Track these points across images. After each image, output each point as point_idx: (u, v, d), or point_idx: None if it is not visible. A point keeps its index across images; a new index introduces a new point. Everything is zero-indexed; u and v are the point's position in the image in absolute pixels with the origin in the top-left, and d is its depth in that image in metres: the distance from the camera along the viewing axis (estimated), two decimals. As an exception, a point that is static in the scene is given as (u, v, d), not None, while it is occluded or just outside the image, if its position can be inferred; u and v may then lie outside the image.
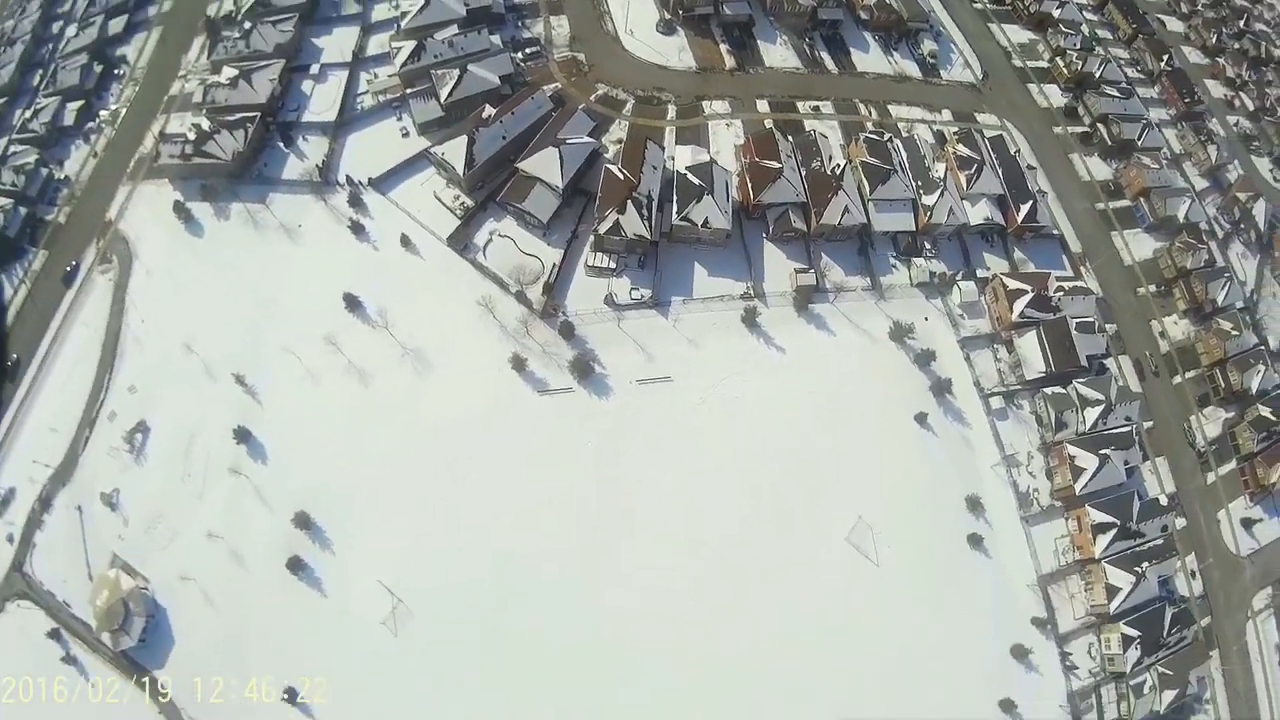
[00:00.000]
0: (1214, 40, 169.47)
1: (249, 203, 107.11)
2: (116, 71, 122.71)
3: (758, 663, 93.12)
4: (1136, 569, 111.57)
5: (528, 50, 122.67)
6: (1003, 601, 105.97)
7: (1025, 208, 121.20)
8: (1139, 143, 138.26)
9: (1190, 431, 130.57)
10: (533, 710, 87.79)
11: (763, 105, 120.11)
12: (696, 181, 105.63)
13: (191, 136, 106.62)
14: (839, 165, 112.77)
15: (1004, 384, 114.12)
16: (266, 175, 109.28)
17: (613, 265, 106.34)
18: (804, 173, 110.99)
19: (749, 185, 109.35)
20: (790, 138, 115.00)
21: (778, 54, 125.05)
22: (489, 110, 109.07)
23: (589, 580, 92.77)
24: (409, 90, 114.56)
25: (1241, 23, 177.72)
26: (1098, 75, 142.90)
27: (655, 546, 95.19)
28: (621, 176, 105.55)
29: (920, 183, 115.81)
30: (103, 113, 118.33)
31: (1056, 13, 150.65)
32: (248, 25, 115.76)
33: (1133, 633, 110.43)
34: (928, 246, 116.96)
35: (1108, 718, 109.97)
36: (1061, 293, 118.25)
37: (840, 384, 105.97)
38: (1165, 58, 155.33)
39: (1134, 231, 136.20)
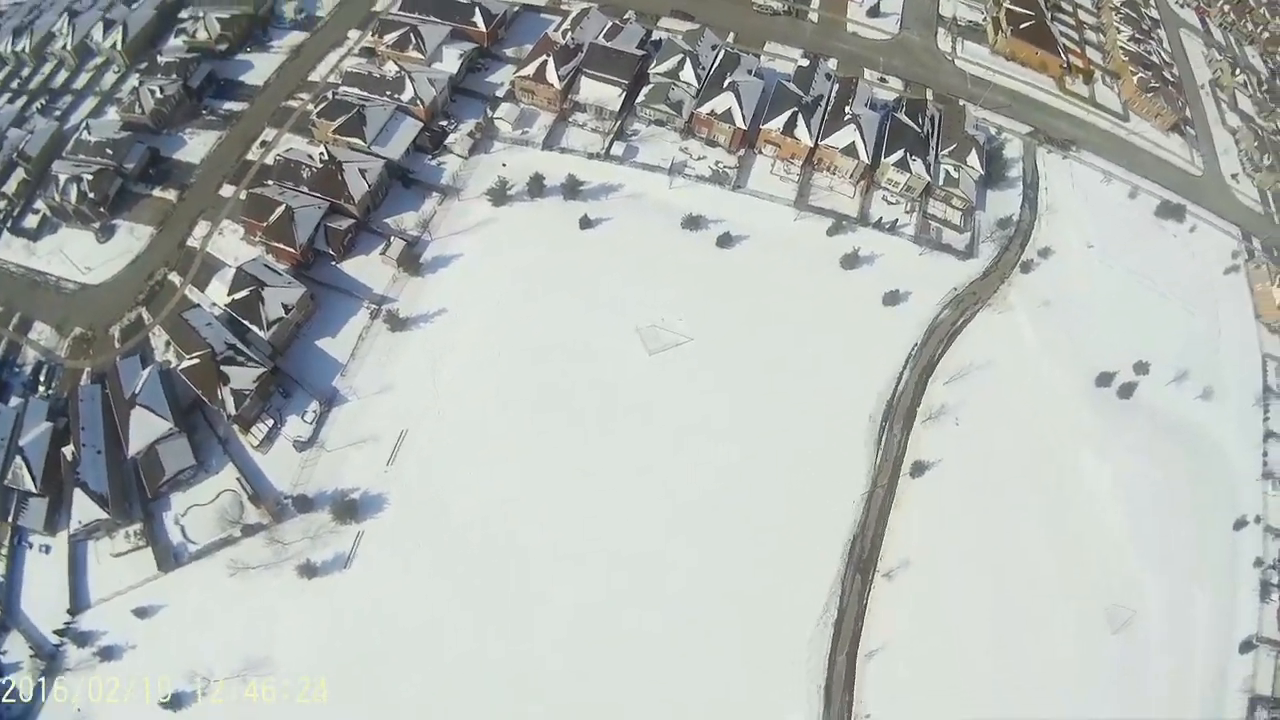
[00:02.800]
0: None
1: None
2: None
3: (741, 506, 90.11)
4: (844, 116, 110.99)
5: (41, 378, 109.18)
6: (795, 256, 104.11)
7: (478, 19, 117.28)
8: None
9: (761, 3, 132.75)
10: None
11: (226, 190, 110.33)
12: (244, 294, 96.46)
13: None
14: (322, 152, 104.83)
15: (609, 134, 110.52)
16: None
17: (271, 421, 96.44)
18: (305, 188, 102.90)
19: (280, 246, 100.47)
20: (270, 182, 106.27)
21: (197, 145, 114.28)
22: (68, 453, 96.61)
23: (534, 636, 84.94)
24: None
25: None
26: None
27: (548, 548, 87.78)
28: (196, 361, 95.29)
29: (389, 91, 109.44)
30: None
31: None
32: None
33: (896, 155, 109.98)
34: (446, 123, 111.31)
35: (972, 226, 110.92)
36: (568, 34, 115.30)
37: (509, 276, 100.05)
38: None
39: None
